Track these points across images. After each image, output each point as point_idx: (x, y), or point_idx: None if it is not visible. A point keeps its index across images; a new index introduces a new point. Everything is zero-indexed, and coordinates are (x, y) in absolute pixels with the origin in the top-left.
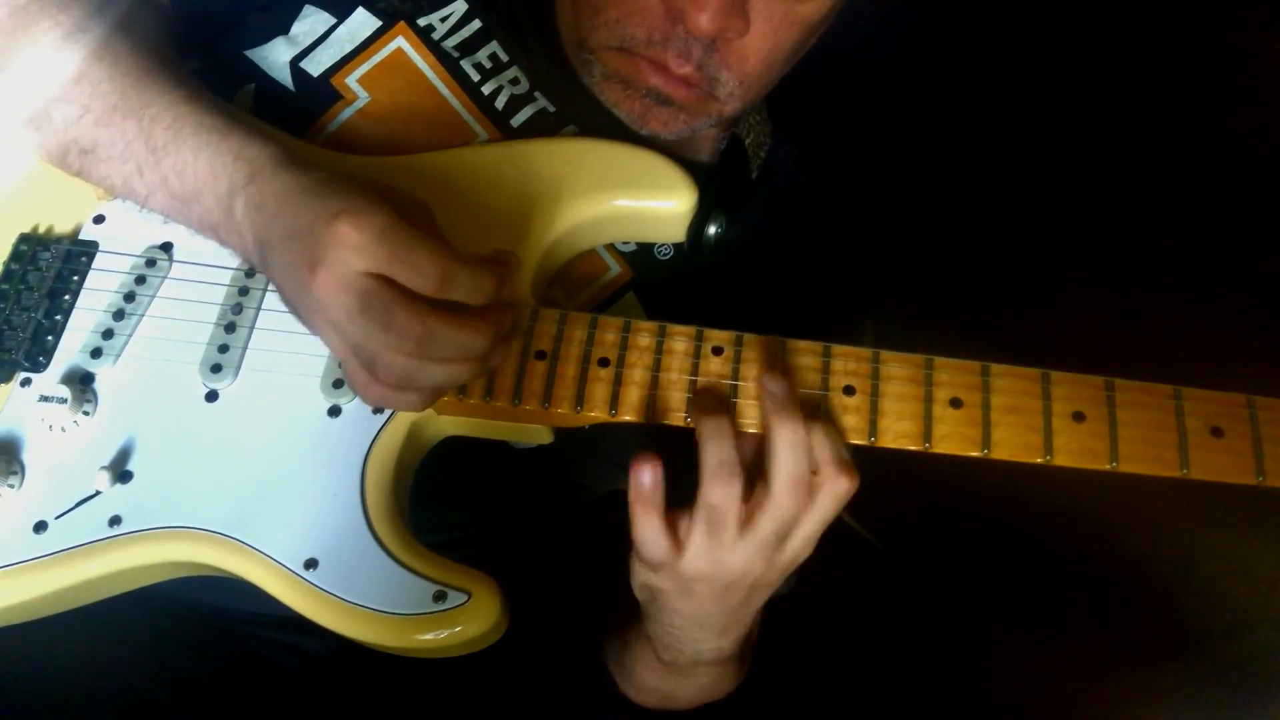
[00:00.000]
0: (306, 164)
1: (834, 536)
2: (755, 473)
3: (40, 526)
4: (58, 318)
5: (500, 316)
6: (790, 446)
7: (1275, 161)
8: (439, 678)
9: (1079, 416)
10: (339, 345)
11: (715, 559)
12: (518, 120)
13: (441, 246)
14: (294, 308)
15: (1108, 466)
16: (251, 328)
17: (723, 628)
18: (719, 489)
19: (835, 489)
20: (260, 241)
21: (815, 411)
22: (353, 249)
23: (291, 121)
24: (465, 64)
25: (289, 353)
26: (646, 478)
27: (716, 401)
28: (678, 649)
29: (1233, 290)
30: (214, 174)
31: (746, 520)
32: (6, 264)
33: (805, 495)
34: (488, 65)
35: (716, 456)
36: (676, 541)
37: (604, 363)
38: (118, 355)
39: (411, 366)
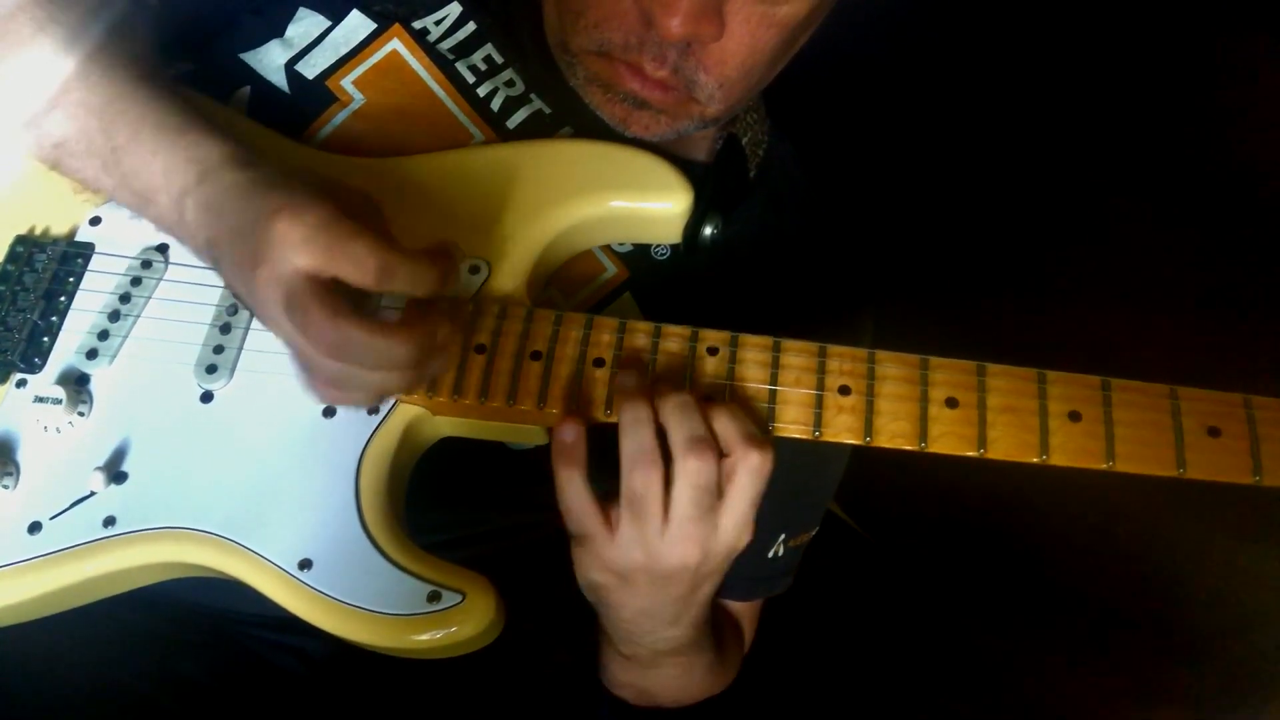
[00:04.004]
0: (257, 162)
1: (832, 536)
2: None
3: (35, 527)
4: (53, 319)
5: (429, 325)
6: (677, 412)
7: (1271, 162)
8: (438, 679)
9: (1075, 416)
10: (285, 342)
11: (647, 548)
12: (513, 122)
13: (380, 239)
14: (248, 306)
15: (1104, 466)
16: (247, 329)
17: (673, 617)
18: (639, 476)
19: (749, 465)
20: (210, 242)
21: (721, 396)
22: (291, 245)
23: (287, 124)
24: (460, 66)
25: (284, 353)
26: (569, 434)
27: (638, 386)
28: (634, 642)
29: (1230, 289)
30: (167, 175)
31: (667, 503)
32: (3, 266)
33: (709, 454)
34: (483, 67)
35: (635, 444)
36: (606, 517)
37: (599, 363)
38: (113, 356)
39: (337, 369)
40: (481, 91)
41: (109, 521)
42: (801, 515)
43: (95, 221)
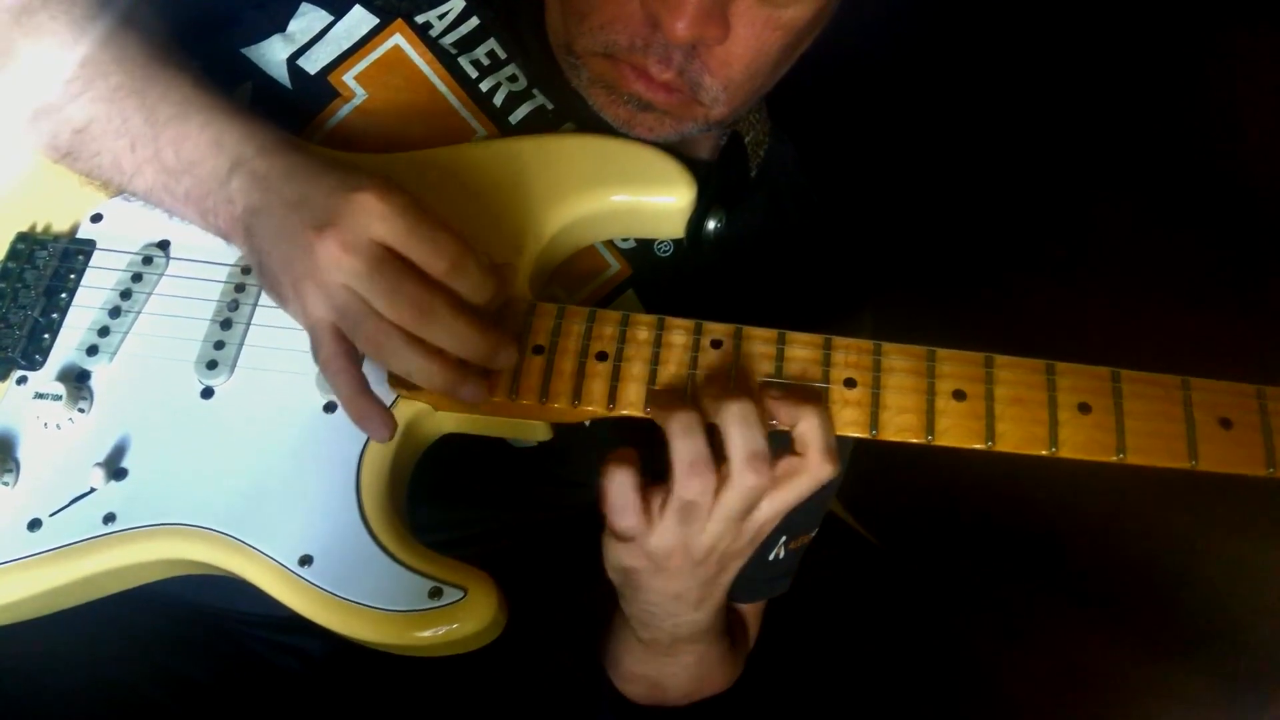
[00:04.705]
0: (313, 151)
1: (834, 536)
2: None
3: (35, 524)
4: (54, 315)
5: (498, 340)
6: (739, 421)
7: (1274, 159)
8: (439, 679)
9: (1085, 408)
10: (318, 308)
11: (687, 540)
12: (516, 117)
13: (458, 233)
14: (274, 273)
15: (1114, 458)
16: (248, 325)
17: (698, 600)
18: (695, 483)
19: (818, 475)
20: (252, 209)
21: (816, 401)
22: (375, 217)
23: (289, 119)
24: (463, 61)
25: (285, 349)
26: (627, 453)
27: (678, 398)
28: (656, 626)
29: (1240, 280)
30: (218, 147)
31: (714, 500)
32: (4, 262)
33: (766, 469)
34: (486, 62)
35: (690, 452)
36: (648, 514)
37: (602, 357)
38: (114, 353)
39: (393, 339)
40: (484, 87)
41: (109, 518)
42: (802, 517)
43: (97, 218)
